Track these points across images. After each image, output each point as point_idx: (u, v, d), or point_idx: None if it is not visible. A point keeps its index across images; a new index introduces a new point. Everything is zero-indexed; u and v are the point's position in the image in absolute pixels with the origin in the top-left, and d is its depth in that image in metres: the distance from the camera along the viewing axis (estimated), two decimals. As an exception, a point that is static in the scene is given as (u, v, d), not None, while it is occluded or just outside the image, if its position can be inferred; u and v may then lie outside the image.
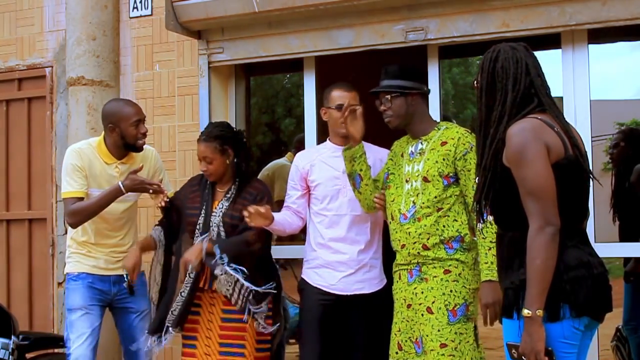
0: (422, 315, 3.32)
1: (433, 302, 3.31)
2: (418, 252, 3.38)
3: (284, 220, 3.80)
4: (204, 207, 3.85)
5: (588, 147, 3.88)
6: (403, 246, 3.43)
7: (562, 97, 3.99)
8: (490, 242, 3.16)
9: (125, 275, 3.96)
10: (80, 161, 3.92)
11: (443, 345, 3.25)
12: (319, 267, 3.77)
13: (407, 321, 3.41)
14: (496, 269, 2.92)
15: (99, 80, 4.89)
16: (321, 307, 3.73)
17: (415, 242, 3.39)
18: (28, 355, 4.39)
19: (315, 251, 3.78)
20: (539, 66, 2.66)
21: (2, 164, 5.60)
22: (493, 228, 3.17)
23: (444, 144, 3.42)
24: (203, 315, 3.85)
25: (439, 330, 3.27)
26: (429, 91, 3.63)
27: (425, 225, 3.37)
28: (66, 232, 5.14)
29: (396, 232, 3.47)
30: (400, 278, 3.48)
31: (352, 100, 3.68)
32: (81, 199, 3.90)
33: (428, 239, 3.37)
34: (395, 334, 3.46)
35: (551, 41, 4.10)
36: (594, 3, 3.76)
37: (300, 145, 5.27)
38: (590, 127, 3.91)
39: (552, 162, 2.50)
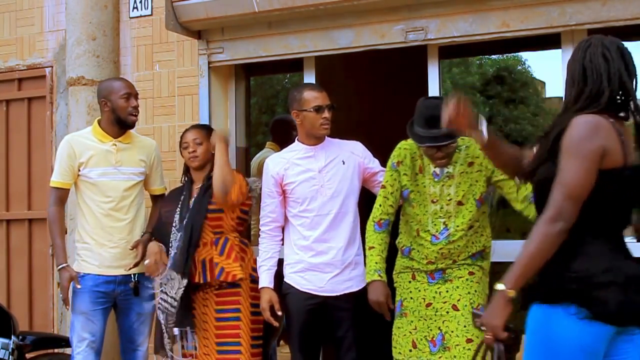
0: (447, 312, 3.37)
1: (459, 300, 3.40)
2: (446, 266, 3.47)
3: (276, 261, 3.80)
4: (180, 204, 3.95)
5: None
6: (430, 262, 3.47)
7: (562, 97, 3.98)
8: None
9: (132, 276, 3.97)
10: (69, 149, 3.99)
11: (469, 341, 3.33)
12: (305, 271, 3.73)
13: (425, 319, 3.44)
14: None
15: (99, 80, 4.89)
16: (309, 312, 3.71)
17: (445, 259, 3.47)
18: (28, 355, 4.39)
19: (298, 254, 3.74)
20: (631, 67, 2.54)
21: (2, 164, 5.61)
22: None
23: (471, 164, 3.47)
24: (198, 317, 3.89)
25: (465, 327, 3.35)
26: None
27: (459, 246, 3.45)
28: (66, 232, 5.14)
29: (424, 249, 3.48)
30: (414, 278, 3.51)
31: (325, 100, 3.72)
32: (64, 190, 4.03)
33: (459, 255, 3.47)
34: (410, 332, 3.47)
35: (551, 41, 4.10)
36: (594, 3, 3.76)
37: (277, 126, 5.21)
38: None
39: (607, 168, 2.43)
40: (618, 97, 2.51)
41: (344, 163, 3.75)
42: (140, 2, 5.10)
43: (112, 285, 3.96)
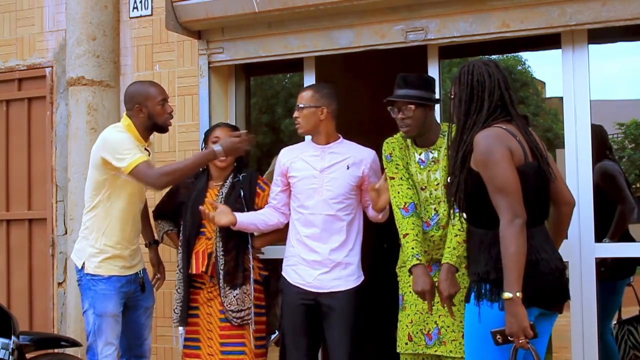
0: (444, 307, 3.36)
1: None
2: (441, 256, 3.44)
3: (256, 218, 3.87)
4: (194, 196, 3.97)
5: (588, 147, 3.88)
6: (425, 251, 3.46)
7: (562, 97, 3.99)
8: (459, 229, 3.32)
9: (139, 272, 3.97)
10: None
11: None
12: (297, 265, 3.80)
13: (422, 313, 3.47)
14: (456, 254, 3.32)
15: (99, 80, 4.90)
16: (303, 307, 3.76)
17: (439, 248, 3.47)
18: (28, 356, 4.38)
19: (294, 247, 3.83)
20: (507, 81, 2.93)
21: (2, 164, 5.60)
22: (458, 218, 3.41)
23: None
24: (202, 317, 3.92)
25: (461, 322, 3.33)
26: (438, 100, 3.63)
27: (447, 233, 3.45)
28: (66, 233, 5.15)
29: None
30: None
31: (299, 100, 3.81)
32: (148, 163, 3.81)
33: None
34: (407, 325, 3.51)
35: (551, 41, 4.10)
36: (594, 3, 3.76)
37: None
38: (590, 127, 3.91)
39: (516, 167, 2.78)
40: (499, 106, 2.88)
41: (348, 168, 3.77)
42: (140, 2, 5.10)
43: (129, 285, 3.92)
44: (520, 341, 2.68)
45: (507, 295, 2.67)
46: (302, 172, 3.80)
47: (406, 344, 3.50)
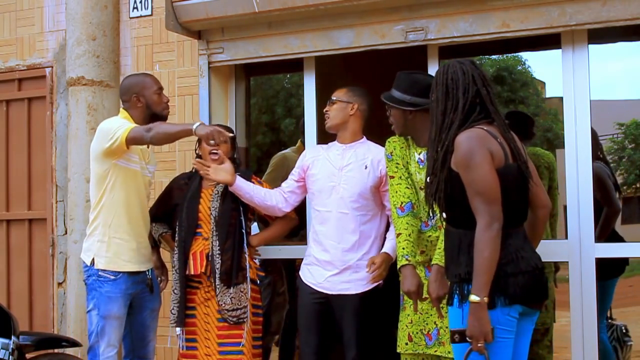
0: (442, 307, 3.33)
1: None
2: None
3: (255, 190, 3.87)
4: (189, 197, 3.96)
5: (588, 147, 3.88)
6: (423, 252, 3.48)
7: (562, 97, 3.99)
8: None
9: (147, 272, 3.95)
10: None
11: None
12: (311, 264, 3.85)
13: (421, 313, 3.46)
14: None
15: (99, 80, 4.91)
16: (316, 306, 3.80)
17: (437, 248, 3.42)
18: (28, 356, 4.39)
19: (311, 247, 3.89)
20: (485, 78, 2.91)
21: (2, 164, 5.61)
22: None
23: None
24: (199, 317, 3.92)
25: None
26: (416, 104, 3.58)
27: None
28: (66, 233, 5.16)
29: (417, 238, 3.50)
30: None
31: (337, 95, 3.87)
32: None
33: None
34: (407, 325, 3.51)
35: (551, 41, 4.10)
36: (594, 3, 3.76)
37: None
38: (590, 127, 3.91)
39: (496, 168, 2.78)
40: (477, 103, 2.87)
41: (366, 168, 3.79)
42: (140, 2, 5.10)
43: (135, 286, 3.89)
44: (478, 345, 2.69)
45: (474, 298, 2.68)
46: (323, 169, 3.85)
47: (406, 344, 3.50)
